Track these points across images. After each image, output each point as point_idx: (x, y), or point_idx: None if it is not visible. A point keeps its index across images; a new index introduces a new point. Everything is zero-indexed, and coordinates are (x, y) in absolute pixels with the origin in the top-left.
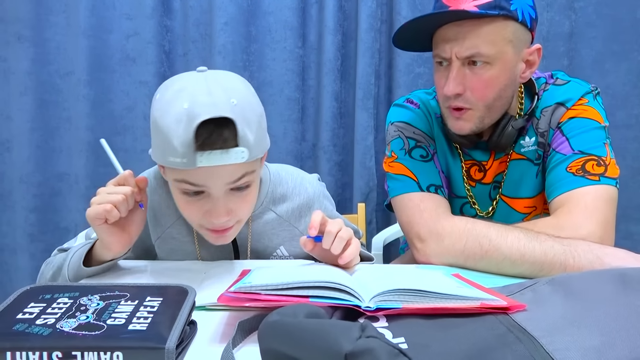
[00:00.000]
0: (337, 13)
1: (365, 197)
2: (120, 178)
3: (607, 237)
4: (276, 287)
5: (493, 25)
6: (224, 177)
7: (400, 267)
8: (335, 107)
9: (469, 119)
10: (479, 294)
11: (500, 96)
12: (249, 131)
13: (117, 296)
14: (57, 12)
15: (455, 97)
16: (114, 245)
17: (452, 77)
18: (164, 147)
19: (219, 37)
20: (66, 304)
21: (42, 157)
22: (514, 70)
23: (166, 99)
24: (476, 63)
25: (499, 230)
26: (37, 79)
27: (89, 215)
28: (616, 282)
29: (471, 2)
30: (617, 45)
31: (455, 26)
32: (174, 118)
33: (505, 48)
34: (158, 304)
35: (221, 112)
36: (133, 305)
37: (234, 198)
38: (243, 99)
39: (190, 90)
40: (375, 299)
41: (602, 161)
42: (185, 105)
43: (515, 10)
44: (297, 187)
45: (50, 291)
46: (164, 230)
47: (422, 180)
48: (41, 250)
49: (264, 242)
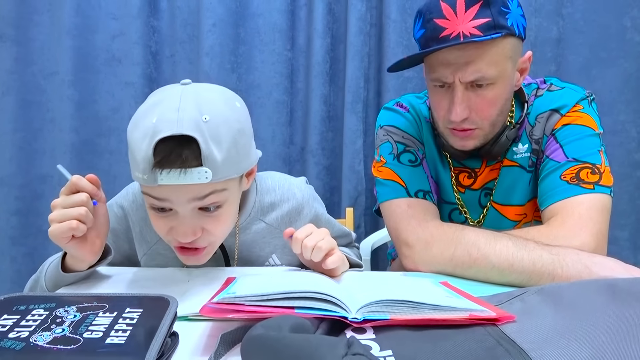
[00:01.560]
0: (327, 16)
1: (353, 201)
2: (71, 185)
3: (601, 248)
4: (261, 297)
5: (495, 47)
6: (187, 195)
7: (388, 275)
8: (324, 110)
9: (474, 138)
10: (468, 304)
11: (502, 111)
12: (216, 150)
13: (95, 307)
14: (41, 11)
15: (462, 120)
16: (86, 257)
17: (458, 103)
18: (131, 162)
19: (207, 38)
20: (41, 316)
21: (25, 158)
22: (511, 83)
23: (140, 112)
24: (481, 85)
25: (487, 238)
26: (20, 79)
27: (53, 235)
28: (606, 292)
29: (468, 22)
30: (604, 51)
31: (456, 50)
32: (141, 133)
33: (506, 65)
34: (138, 315)
35: (183, 129)
36: (111, 317)
37: (205, 218)
38: (218, 115)
39: (163, 105)
40: (362, 309)
41: (596, 169)
42: (154, 120)
43: (512, 25)
44: (285, 193)
45: (25, 302)
46: (150, 247)
47: (410, 186)
48: (22, 254)
49: (255, 252)
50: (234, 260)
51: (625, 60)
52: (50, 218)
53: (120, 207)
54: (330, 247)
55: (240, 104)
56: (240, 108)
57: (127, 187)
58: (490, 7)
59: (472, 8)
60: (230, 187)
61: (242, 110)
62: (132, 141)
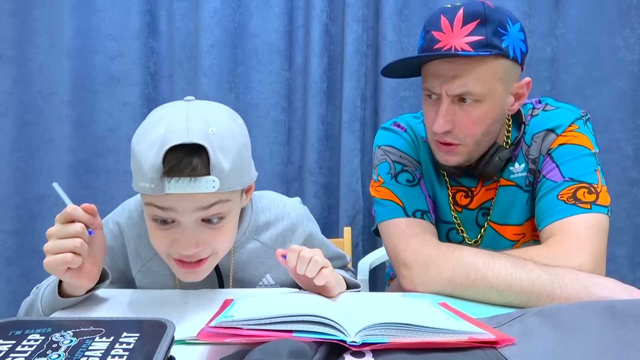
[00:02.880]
0: (324, 37)
1: (351, 220)
2: (66, 215)
3: (599, 268)
4: (258, 321)
5: (485, 65)
6: (193, 204)
7: (387, 296)
8: (321, 129)
9: (457, 154)
10: (467, 326)
11: (489, 131)
12: (224, 160)
13: (91, 332)
14: (41, 33)
15: (445, 133)
16: (82, 284)
17: (442, 114)
18: (136, 172)
19: (205, 59)
20: (37, 341)
21: (22, 178)
22: (502, 105)
23: (146, 125)
24: (466, 100)
25: (486, 258)
26: (18, 99)
27: (48, 267)
28: (605, 314)
29: (462, 38)
30: (598, 71)
31: (446, 62)
32: (149, 143)
33: (495, 85)
34: (134, 340)
35: (193, 138)
36: (108, 342)
37: (207, 230)
38: (224, 128)
39: (170, 117)
40: (361, 333)
41: (593, 188)
42: (161, 132)
43: (507, 47)
44: (279, 213)
45: (21, 327)
46: (144, 264)
47: (407, 206)
48: (18, 274)
49: (249, 272)
50: (229, 280)
51: (619, 79)
52: (45, 249)
53: (117, 224)
54: (325, 263)
55: (241, 121)
56: (242, 124)
57: (123, 204)
58: (487, 26)
59: (469, 25)
60: (234, 198)
61: (243, 126)
62: (138, 151)
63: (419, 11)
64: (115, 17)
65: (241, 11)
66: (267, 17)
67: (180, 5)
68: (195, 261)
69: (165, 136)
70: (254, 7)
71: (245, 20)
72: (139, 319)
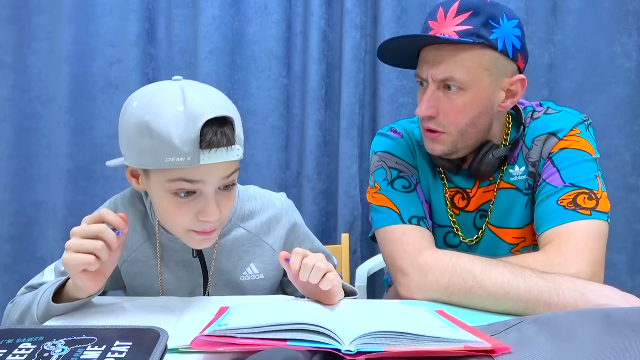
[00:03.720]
0: (322, 43)
1: (349, 226)
2: (96, 216)
3: (597, 275)
4: (252, 329)
5: (470, 53)
6: (220, 173)
7: (383, 303)
8: (319, 135)
9: (441, 142)
10: (463, 335)
11: (474, 123)
12: (240, 130)
13: (83, 340)
14: (40, 39)
15: (429, 119)
16: (90, 288)
17: (426, 99)
18: (158, 149)
19: (204, 65)
20: (29, 350)
21: (19, 184)
22: (490, 98)
23: (155, 104)
24: (450, 87)
25: (483, 265)
26: (16, 105)
27: (67, 264)
28: (602, 323)
29: (452, 27)
30: (595, 77)
31: (434, 49)
32: (171, 119)
33: (481, 76)
34: (127, 349)
35: (222, 111)
36: (100, 351)
37: (221, 198)
38: (228, 101)
39: (179, 94)
40: (356, 341)
41: (593, 194)
42: (180, 108)
43: (496, 40)
44: (265, 202)
45: (13, 335)
46: (130, 254)
47: (404, 212)
48: (15, 281)
49: (233, 261)
50: (211, 270)
51: (617, 86)
52: (67, 245)
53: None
54: (328, 268)
55: None
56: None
57: (109, 199)
58: (477, 17)
59: (462, 15)
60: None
61: None
62: (162, 128)
63: (417, 18)
64: (114, 24)
65: (239, 18)
66: (265, 24)
67: (179, 12)
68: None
69: (191, 111)
70: (252, 14)
71: (243, 27)
72: (132, 327)
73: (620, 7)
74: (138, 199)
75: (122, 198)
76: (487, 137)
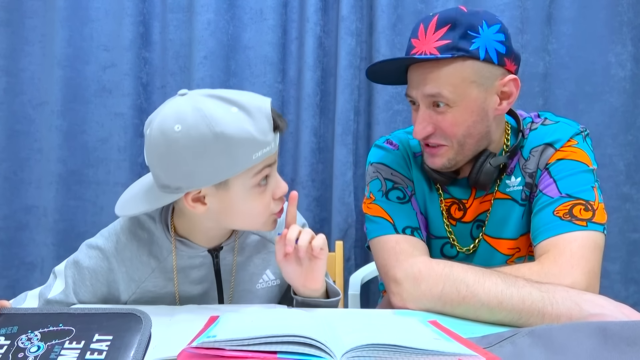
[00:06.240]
0: (317, 50)
1: (343, 234)
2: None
3: (592, 287)
4: (242, 342)
5: (452, 67)
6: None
7: (376, 313)
8: (314, 142)
9: (442, 155)
10: (456, 347)
11: (471, 133)
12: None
13: (61, 333)
14: (33, 42)
15: (428, 136)
16: None
17: (419, 121)
18: (240, 152)
19: (198, 70)
20: (2, 348)
21: (10, 189)
22: (483, 107)
23: (208, 116)
24: (439, 105)
25: (476, 275)
26: (8, 108)
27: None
28: (598, 336)
29: (432, 43)
30: (590, 86)
31: (419, 67)
32: (237, 121)
33: (467, 90)
34: (107, 346)
35: (264, 97)
36: (79, 348)
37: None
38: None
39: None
40: (347, 354)
41: (589, 206)
42: (233, 110)
43: (477, 50)
44: None
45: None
46: (138, 286)
47: (397, 222)
48: (4, 286)
49: (249, 270)
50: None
51: (611, 95)
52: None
53: (102, 249)
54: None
55: None
56: None
57: (105, 231)
58: (455, 30)
59: (440, 30)
60: None
61: None
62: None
63: (412, 25)
64: (108, 28)
65: (235, 23)
66: (260, 30)
67: (173, 17)
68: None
69: (245, 106)
70: (247, 19)
71: (238, 33)
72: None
73: (615, 17)
74: (139, 227)
75: (122, 231)
76: (487, 145)
